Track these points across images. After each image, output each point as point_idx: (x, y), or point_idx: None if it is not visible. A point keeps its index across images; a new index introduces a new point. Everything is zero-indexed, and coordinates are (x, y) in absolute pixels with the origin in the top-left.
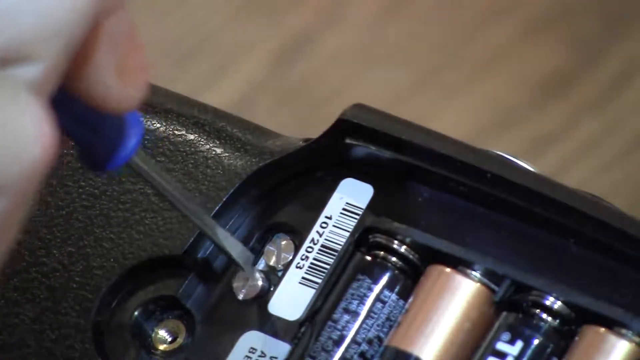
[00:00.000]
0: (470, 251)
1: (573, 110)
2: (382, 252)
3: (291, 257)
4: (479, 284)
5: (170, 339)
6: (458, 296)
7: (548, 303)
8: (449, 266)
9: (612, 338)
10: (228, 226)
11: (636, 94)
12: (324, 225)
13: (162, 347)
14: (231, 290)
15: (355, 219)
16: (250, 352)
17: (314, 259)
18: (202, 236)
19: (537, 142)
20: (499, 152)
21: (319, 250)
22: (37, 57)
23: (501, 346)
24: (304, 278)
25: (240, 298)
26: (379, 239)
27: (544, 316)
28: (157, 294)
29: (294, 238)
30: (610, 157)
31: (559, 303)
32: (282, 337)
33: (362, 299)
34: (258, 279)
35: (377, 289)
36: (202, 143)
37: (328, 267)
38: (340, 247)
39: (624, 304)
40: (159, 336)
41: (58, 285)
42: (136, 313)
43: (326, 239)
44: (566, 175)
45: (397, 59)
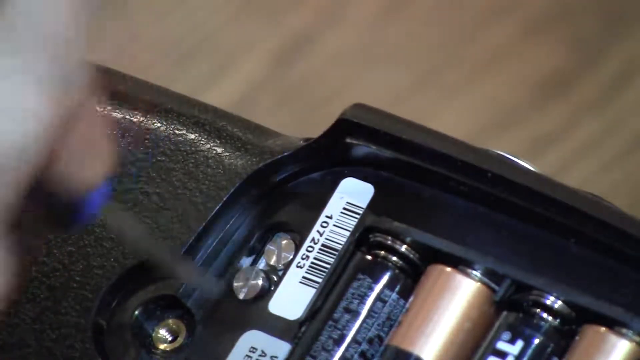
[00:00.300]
0: (470, 251)
1: (573, 110)
2: (382, 252)
3: (292, 257)
4: (479, 284)
5: (170, 339)
6: (458, 296)
7: (548, 302)
8: (449, 266)
9: (613, 337)
10: (228, 226)
11: (636, 94)
12: (324, 224)
13: (162, 346)
14: (232, 289)
15: (356, 218)
16: (250, 351)
17: (315, 258)
18: (202, 236)
19: (537, 142)
20: (499, 152)
21: (320, 249)
22: None
23: (502, 346)
24: (304, 277)
25: (240, 297)
26: (379, 239)
27: (545, 316)
28: (157, 294)
29: (294, 237)
30: (610, 157)
31: (560, 302)
32: (282, 336)
33: (362, 298)
34: (258, 278)
35: (378, 288)
36: (203, 142)
37: (328, 266)
38: (340, 246)
39: (624, 303)
40: (159, 336)
41: (58, 284)
42: (136, 313)
43: (327, 239)
44: (566, 175)
45: (397, 59)
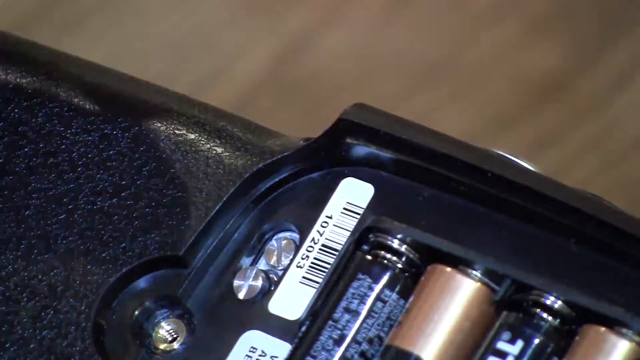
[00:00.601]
0: (470, 250)
1: (573, 110)
2: (382, 252)
3: (292, 257)
4: (479, 284)
5: (170, 339)
6: (458, 296)
7: (548, 302)
8: (449, 265)
9: (613, 337)
10: (228, 226)
11: (636, 94)
12: (324, 224)
13: (162, 346)
14: (231, 289)
15: (356, 218)
16: (250, 351)
17: (315, 258)
18: (202, 236)
19: (537, 141)
20: (499, 152)
21: (320, 249)
22: None
23: (502, 345)
24: (304, 277)
25: (240, 297)
26: (379, 239)
27: (545, 315)
28: (157, 294)
29: (294, 238)
30: (610, 157)
31: (560, 302)
32: (282, 336)
33: (362, 298)
34: (258, 278)
35: (378, 288)
36: (203, 142)
37: (329, 266)
38: (340, 246)
39: (624, 303)
40: (159, 336)
41: (58, 284)
42: (136, 313)
43: (327, 239)
44: (566, 175)
45: (397, 58)
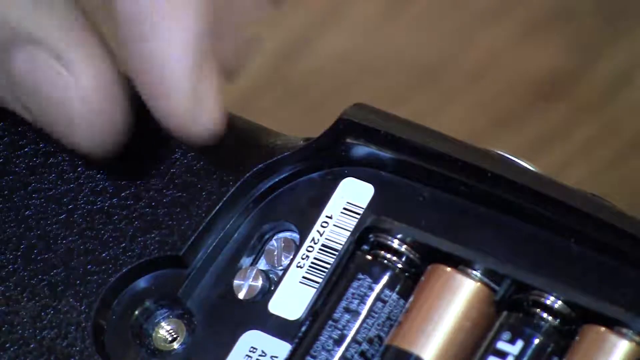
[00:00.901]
0: (470, 250)
1: (573, 110)
2: (382, 252)
3: (292, 257)
4: (479, 284)
5: (170, 339)
6: (459, 295)
7: (549, 302)
8: (449, 265)
9: (613, 337)
10: (228, 226)
11: (636, 94)
12: (324, 224)
13: (162, 346)
14: (231, 289)
15: (356, 218)
16: (250, 351)
17: (315, 258)
18: (202, 236)
19: (537, 141)
20: (499, 152)
21: (320, 249)
22: None
23: (502, 345)
24: (304, 277)
25: (240, 297)
26: (379, 239)
27: (545, 315)
28: (157, 294)
29: (294, 238)
30: (610, 157)
31: (560, 302)
32: (282, 336)
33: (362, 298)
34: (258, 278)
35: (378, 288)
36: None
37: (329, 266)
38: (340, 246)
39: (624, 303)
40: (159, 336)
41: (59, 284)
42: (136, 313)
43: (327, 239)
44: (566, 175)
45: (397, 58)
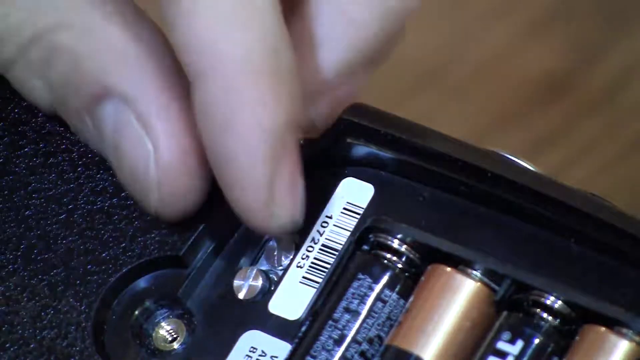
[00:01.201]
0: (470, 250)
1: (573, 110)
2: (382, 252)
3: (292, 257)
4: (479, 284)
5: (170, 339)
6: (459, 295)
7: (549, 302)
8: (449, 265)
9: (613, 337)
10: (228, 225)
11: (636, 94)
12: (324, 224)
13: (162, 346)
14: (231, 289)
15: (356, 218)
16: (250, 351)
17: (315, 258)
18: (202, 236)
19: (538, 141)
20: (499, 152)
21: (320, 249)
22: None
23: (502, 345)
24: (304, 277)
25: (240, 297)
26: (379, 239)
27: (545, 315)
28: (157, 294)
29: (294, 237)
30: (610, 157)
31: (560, 302)
32: (282, 336)
33: (362, 298)
34: (258, 278)
35: (378, 288)
36: None
37: (329, 266)
38: (340, 246)
39: (624, 303)
40: (159, 336)
41: (59, 284)
42: (136, 313)
43: (327, 239)
44: (566, 175)
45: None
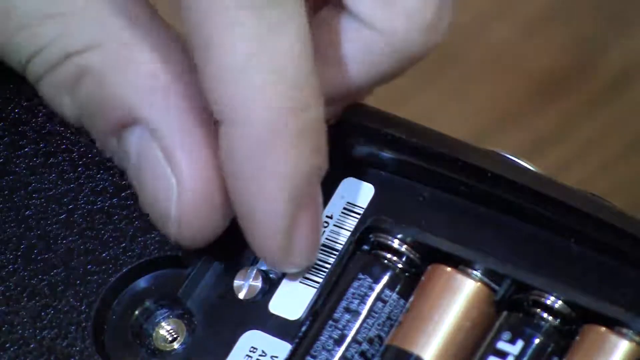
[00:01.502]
0: (471, 250)
1: (573, 110)
2: (383, 252)
3: None
4: (479, 284)
5: (170, 339)
6: (459, 295)
7: (549, 302)
8: (449, 265)
9: (613, 337)
10: (229, 225)
11: (636, 94)
12: (324, 224)
13: (162, 346)
14: (232, 289)
15: (356, 218)
16: (251, 351)
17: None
18: None
19: (537, 141)
20: (499, 152)
21: (320, 249)
22: None
23: (502, 345)
24: (305, 277)
25: (240, 297)
26: (380, 239)
27: (545, 315)
28: (158, 294)
29: None
30: (610, 157)
31: (560, 302)
32: (282, 336)
33: (363, 298)
34: (258, 278)
35: (378, 288)
36: None
37: (329, 266)
38: (341, 246)
39: (624, 303)
40: (160, 336)
41: (59, 284)
42: (136, 313)
43: (327, 239)
44: (566, 175)
45: None
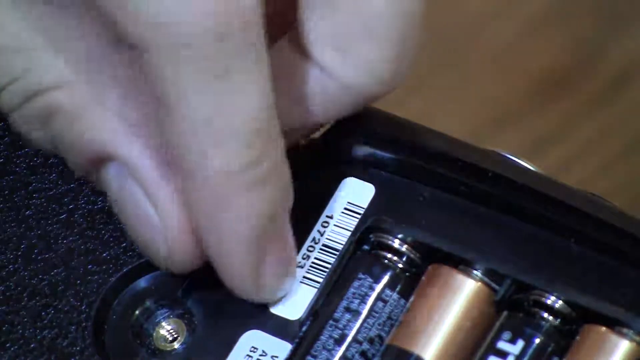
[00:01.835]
0: (471, 250)
1: (573, 110)
2: (383, 252)
3: None
4: (480, 283)
5: (171, 339)
6: (459, 295)
7: (549, 302)
8: (450, 265)
9: (613, 337)
10: None
11: (636, 94)
12: (325, 224)
13: (162, 346)
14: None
15: (357, 218)
16: (251, 351)
17: (315, 258)
18: None
19: (537, 141)
20: (499, 152)
21: (320, 249)
22: None
23: (502, 345)
24: (305, 277)
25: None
26: (380, 238)
27: (545, 315)
28: (158, 294)
29: (295, 237)
30: (610, 157)
31: (560, 302)
32: (283, 336)
33: (363, 298)
34: None
35: (379, 288)
36: None
37: (329, 266)
38: (341, 246)
39: (625, 303)
40: (160, 335)
41: (59, 283)
42: (137, 312)
43: (327, 238)
44: (566, 175)
45: None
